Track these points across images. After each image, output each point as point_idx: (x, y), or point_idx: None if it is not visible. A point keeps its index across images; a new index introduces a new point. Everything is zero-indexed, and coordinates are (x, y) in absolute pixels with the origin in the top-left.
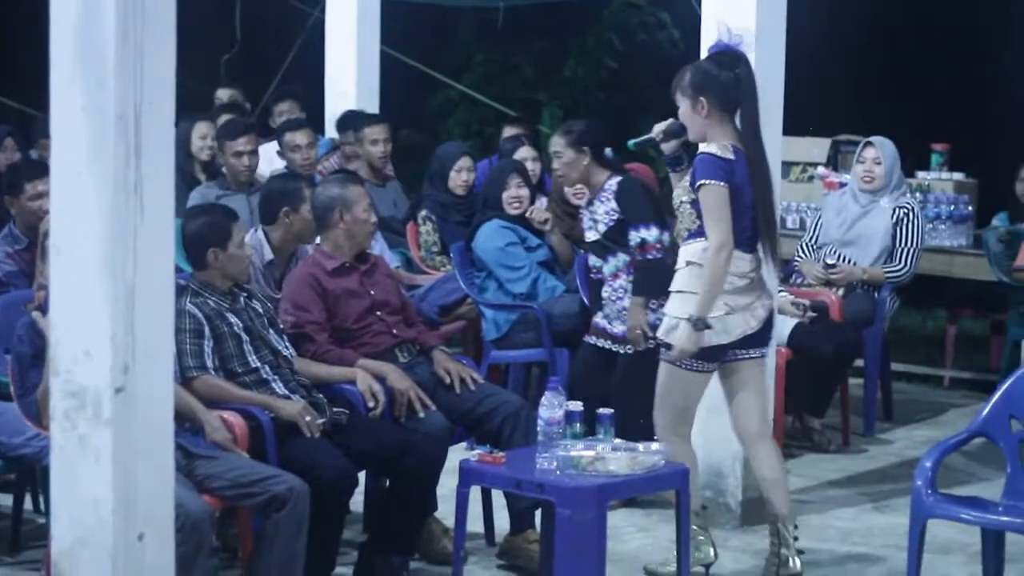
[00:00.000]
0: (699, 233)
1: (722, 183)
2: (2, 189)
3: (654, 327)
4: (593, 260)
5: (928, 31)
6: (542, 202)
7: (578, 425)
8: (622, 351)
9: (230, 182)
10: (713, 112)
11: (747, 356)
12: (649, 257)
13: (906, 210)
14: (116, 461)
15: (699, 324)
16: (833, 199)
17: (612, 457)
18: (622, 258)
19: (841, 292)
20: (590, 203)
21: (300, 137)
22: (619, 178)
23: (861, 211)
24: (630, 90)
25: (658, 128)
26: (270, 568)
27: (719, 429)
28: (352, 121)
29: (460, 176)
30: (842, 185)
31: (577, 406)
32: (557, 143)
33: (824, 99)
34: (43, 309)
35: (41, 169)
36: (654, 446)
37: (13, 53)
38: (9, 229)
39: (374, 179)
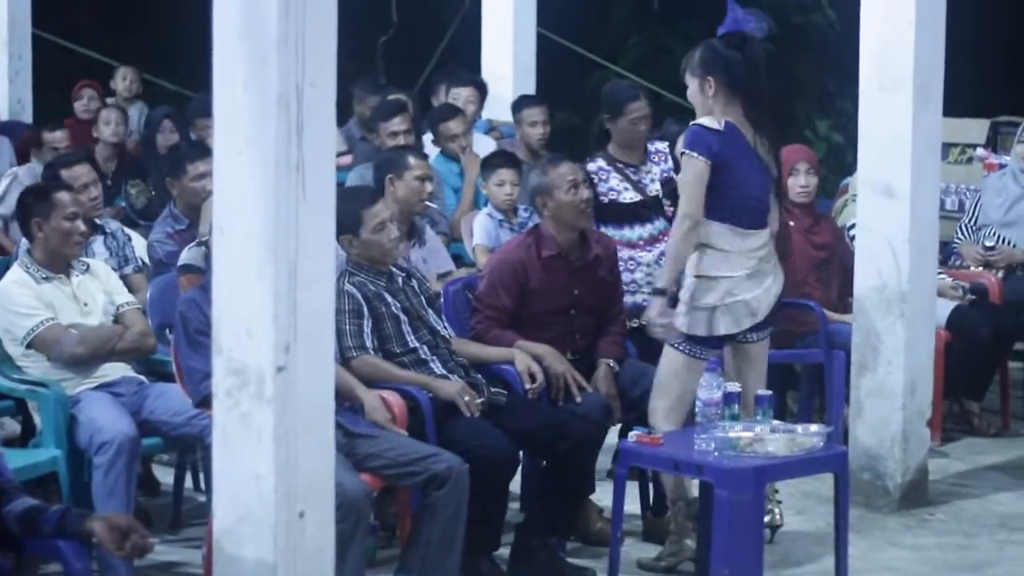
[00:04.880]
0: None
1: (703, 158)
2: (163, 170)
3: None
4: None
5: None
6: None
7: (736, 407)
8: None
9: None
10: (720, 92)
11: (755, 339)
12: None
13: None
14: (277, 439)
15: (658, 292)
16: (993, 180)
17: (771, 438)
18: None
19: (1001, 274)
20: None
21: (455, 126)
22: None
23: (1022, 192)
24: (786, 73)
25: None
26: (429, 546)
27: (877, 410)
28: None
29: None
30: (1002, 166)
31: (736, 387)
32: None
33: (982, 80)
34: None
35: (202, 150)
36: (813, 428)
37: (169, 37)
38: (170, 210)
39: (532, 161)
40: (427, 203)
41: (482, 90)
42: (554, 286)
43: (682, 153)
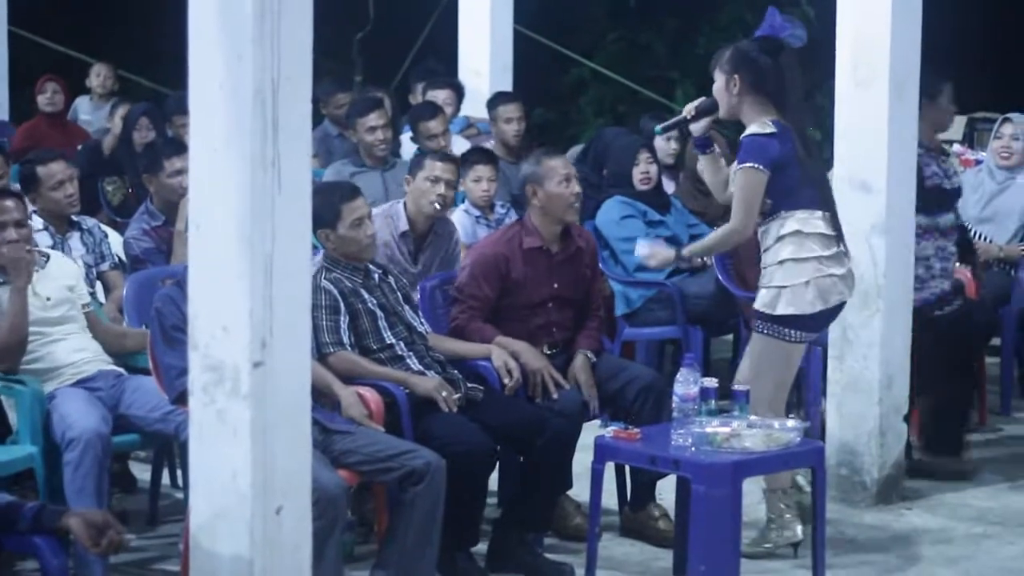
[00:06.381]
0: (773, 211)
1: (762, 168)
2: (140, 167)
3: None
4: None
5: None
6: None
7: (713, 402)
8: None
9: (364, 158)
10: (744, 91)
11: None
12: None
13: None
14: (254, 435)
15: (682, 260)
16: (969, 177)
17: (747, 434)
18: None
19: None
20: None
21: (435, 125)
22: None
23: (998, 188)
24: None
25: (690, 106)
26: (406, 542)
27: (854, 405)
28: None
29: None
30: (978, 163)
31: (712, 383)
32: None
33: (959, 76)
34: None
35: (178, 146)
36: (790, 423)
37: (146, 34)
38: (146, 206)
39: (508, 157)
40: (436, 206)
41: (459, 92)
42: (534, 278)
43: (740, 167)
